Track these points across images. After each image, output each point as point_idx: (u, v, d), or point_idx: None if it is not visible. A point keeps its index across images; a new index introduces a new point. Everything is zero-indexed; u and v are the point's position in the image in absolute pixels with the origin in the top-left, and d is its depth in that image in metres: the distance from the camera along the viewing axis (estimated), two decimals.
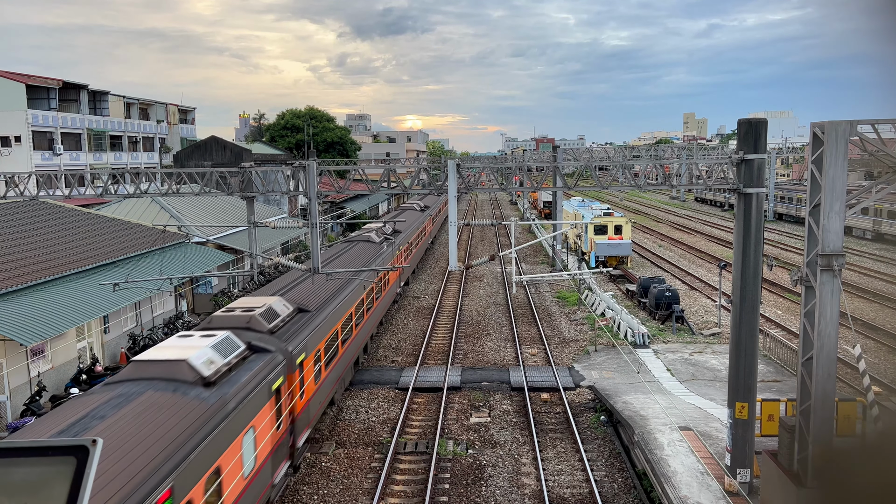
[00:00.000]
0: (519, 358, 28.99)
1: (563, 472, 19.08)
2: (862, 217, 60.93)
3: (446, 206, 14.79)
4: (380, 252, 31.99)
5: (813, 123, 13.83)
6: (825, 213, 13.43)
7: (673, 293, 33.66)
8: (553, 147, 66.45)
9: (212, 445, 11.86)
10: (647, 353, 28.18)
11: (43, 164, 53.79)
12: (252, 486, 14.08)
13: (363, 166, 21.77)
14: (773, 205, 78.68)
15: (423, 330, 33.97)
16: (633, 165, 38.14)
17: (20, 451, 2.48)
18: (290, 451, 17.21)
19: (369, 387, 25.70)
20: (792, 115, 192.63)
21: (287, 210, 54.45)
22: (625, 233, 47.11)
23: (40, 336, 20.53)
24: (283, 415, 16.23)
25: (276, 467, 15.93)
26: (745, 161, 15.94)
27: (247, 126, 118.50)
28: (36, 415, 20.94)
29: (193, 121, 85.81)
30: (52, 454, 2.48)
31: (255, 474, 14.32)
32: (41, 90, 57.63)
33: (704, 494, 16.11)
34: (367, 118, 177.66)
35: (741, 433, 16.35)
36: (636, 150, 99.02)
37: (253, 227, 22.81)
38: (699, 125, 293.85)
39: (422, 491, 17.89)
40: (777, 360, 26.65)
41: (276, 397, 15.72)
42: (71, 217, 31.88)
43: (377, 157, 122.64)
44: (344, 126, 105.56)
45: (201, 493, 11.42)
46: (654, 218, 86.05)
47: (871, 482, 3.49)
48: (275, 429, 15.64)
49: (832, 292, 13.57)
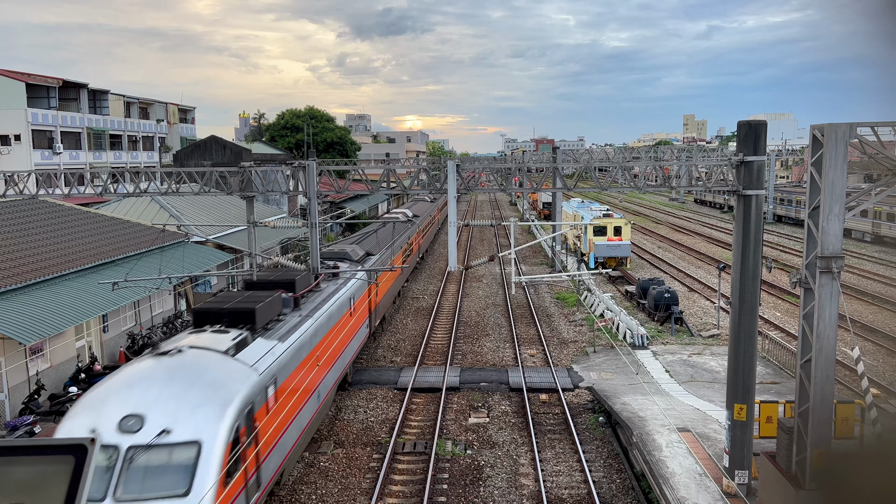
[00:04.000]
0: (518, 359, 29.00)
1: (561, 472, 19.08)
2: (861, 219, 60.96)
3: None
4: (407, 228, 42.24)
5: (812, 126, 13.83)
6: (824, 215, 13.44)
7: (672, 294, 33.67)
8: (553, 148, 66.46)
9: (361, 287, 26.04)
10: (646, 355, 28.19)
11: (42, 162, 53.75)
12: (360, 330, 26.41)
13: (363, 166, 21.80)
14: (772, 207, 78.71)
15: (422, 330, 33.97)
16: (633, 167, 38.11)
17: (18, 451, 2.48)
18: (370, 323, 28.89)
19: (368, 387, 25.69)
20: (791, 118, 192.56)
21: (287, 210, 54.43)
22: (624, 234, 47.12)
23: (39, 335, 20.52)
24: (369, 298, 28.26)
25: (367, 326, 28.26)
26: (744, 163, 15.95)
27: (247, 126, 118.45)
28: (35, 414, 20.93)
29: (193, 120, 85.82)
30: (50, 453, 2.48)
31: (361, 322, 26.58)
32: (41, 89, 57.62)
33: (702, 496, 16.11)
34: (366, 118, 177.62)
35: (739, 435, 16.36)
36: (636, 152, 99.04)
37: (252, 226, 22.80)
38: (699, 127, 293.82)
39: (420, 491, 17.89)
40: (776, 361, 26.66)
41: (368, 292, 27.66)
42: (70, 216, 31.86)
43: (377, 157, 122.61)
44: (344, 126, 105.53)
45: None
46: (654, 219, 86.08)
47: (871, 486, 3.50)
48: (366, 304, 27.53)
49: (831, 294, 13.58)
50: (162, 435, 11.54)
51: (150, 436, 11.51)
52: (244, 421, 13.03)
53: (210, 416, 12.12)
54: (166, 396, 12.27)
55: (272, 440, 15.04)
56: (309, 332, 18.42)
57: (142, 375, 12.91)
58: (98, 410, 12.02)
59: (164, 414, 11.86)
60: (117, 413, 11.81)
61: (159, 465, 11.39)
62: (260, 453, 14.08)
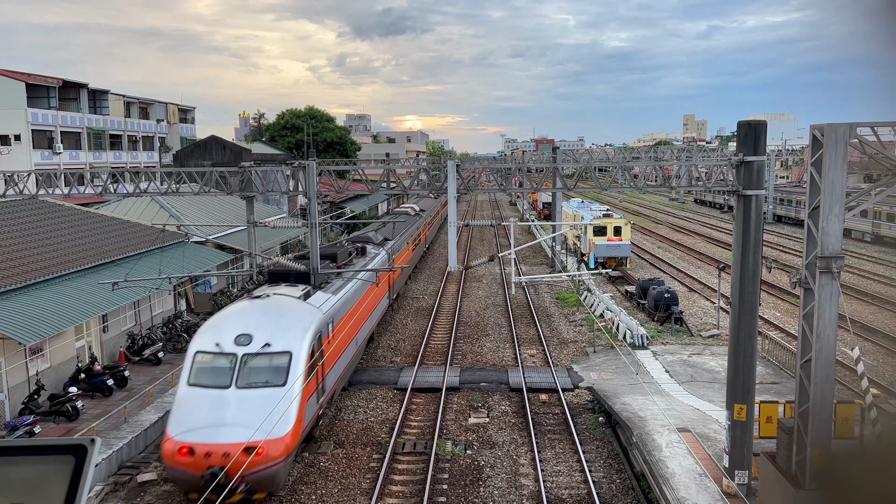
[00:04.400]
0: (518, 359, 29.00)
1: (561, 472, 19.08)
2: (861, 219, 60.97)
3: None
4: (416, 221, 49.00)
5: (812, 126, 13.83)
6: (824, 215, 13.44)
7: (672, 295, 33.66)
8: (553, 148, 66.47)
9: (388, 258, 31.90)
10: (646, 355, 28.19)
11: (42, 162, 53.74)
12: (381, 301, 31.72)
13: (363, 166, 21.86)
14: (772, 207, 78.69)
15: (421, 330, 33.97)
16: (633, 167, 38.10)
17: (17, 451, 2.48)
18: (389, 296, 34.59)
19: (368, 387, 25.68)
20: (791, 118, 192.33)
21: (287, 210, 54.43)
22: (624, 234, 47.12)
23: (39, 335, 20.52)
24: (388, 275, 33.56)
25: (387, 299, 34.02)
26: (744, 163, 15.95)
27: (246, 126, 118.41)
28: (34, 414, 20.92)
29: (193, 120, 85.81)
30: (49, 453, 2.48)
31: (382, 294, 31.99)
32: (41, 89, 57.60)
33: (702, 496, 16.11)
34: (366, 118, 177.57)
35: (739, 435, 16.36)
36: (636, 152, 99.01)
37: (252, 226, 22.81)
38: (699, 127, 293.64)
39: (420, 491, 17.89)
40: (776, 361, 26.66)
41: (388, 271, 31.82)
42: (70, 216, 31.86)
43: (377, 157, 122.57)
44: (344, 126, 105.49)
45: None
46: (654, 219, 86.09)
47: (871, 486, 3.50)
48: (387, 280, 33.20)
49: (831, 294, 13.58)
50: (265, 347, 17.12)
51: (257, 347, 17.08)
52: (316, 343, 18.67)
53: (297, 336, 17.76)
54: (264, 323, 17.83)
55: (331, 361, 20.78)
56: (350, 292, 24.39)
57: (245, 310, 18.71)
58: (218, 331, 17.63)
59: (265, 334, 17.41)
60: (232, 333, 17.44)
61: (264, 367, 16.88)
62: (325, 367, 19.82)
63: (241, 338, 17.23)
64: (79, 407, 21.99)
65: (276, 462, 15.70)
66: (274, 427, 15.31)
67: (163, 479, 18.44)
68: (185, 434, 15.66)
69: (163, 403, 22.57)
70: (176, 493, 17.72)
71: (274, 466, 15.69)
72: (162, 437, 16.99)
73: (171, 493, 17.81)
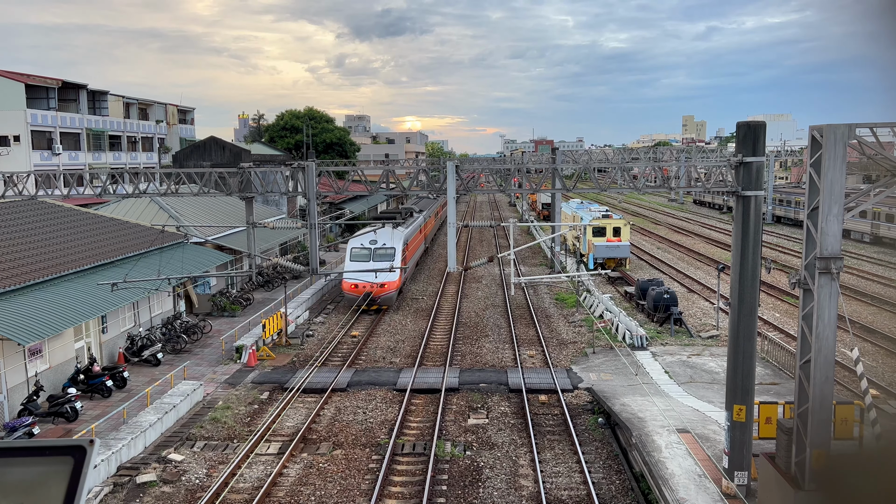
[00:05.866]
0: (517, 359, 28.99)
1: (560, 473, 19.07)
2: (860, 220, 61.00)
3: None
4: (433, 204, 67.01)
5: (811, 127, 13.84)
6: (823, 216, 13.44)
7: (671, 295, 33.66)
8: (552, 149, 66.46)
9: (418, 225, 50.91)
10: (646, 356, 28.19)
11: (42, 163, 53.71)
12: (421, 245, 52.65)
13: (362, 167, 21.92)
14: (771, 208, 78.74)
15: (421, 331, 33.96)
16: (632, 167, 38.20)
17: (16, 451, 2.47)
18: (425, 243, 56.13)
19: (367, 388, 25.67)
20: (790, 119, 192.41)
21: (286, 210, 54.43)
22: (623, 235, 47.13)
23: (38, 336, 20.51)
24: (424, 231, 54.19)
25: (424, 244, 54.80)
26: (743, 164, 15.96)
27: (246, 126, 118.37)
28: (34, 415, 20.90)
29: (192, 121, 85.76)
30: (48, 454, 2.47)
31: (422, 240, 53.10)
32: (40, 90, 57.57)
33: (702, 497, 16.11)
34: (366, 119, 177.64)
35: (739, 436, 16.36)
36: (635, 153, 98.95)
37: (251, 227, 22.80)
38: (698, 128, 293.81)
39: (419, 492, 17.88)
40: (775, 362, 26.66)
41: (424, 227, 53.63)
42: (69, 217, 31.85)
43: (376, 158, 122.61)
44: (343, 127, 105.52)
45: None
46: (653, 220, 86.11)
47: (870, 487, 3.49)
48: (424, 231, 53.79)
49: (830, 295, 13.58)
50: (383, 245, 37.37)
51: (379, 244, 37.36)
52: (404, 244, 38.89)
53: (396, 241, 37.68)
54: (381, 235, 37.65)
55: (409, 256, 41.75)
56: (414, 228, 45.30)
57: (372, 233, 37.84)
58: (360, 239, 37.88)
59: (382, 239, 37.52)
60: (368, 240, 37.60)
61: (384, 253, 36.91)
62: (407, 258, 39.87)
63: (373, 242, 37.30)
64: (78, 408, 21.98)
65: (391, 291, 36.83)
66: (388, 277, 35.48)
67: (162, 480, 18.43)
68: (353, 278, 35.44)
69: (162, 404, 22.53)
70: (175, 494, 17.71)
71: (391, 293, 36.91)
72: (341, 282, 38.63)
73: (170, 495, 17.80)
